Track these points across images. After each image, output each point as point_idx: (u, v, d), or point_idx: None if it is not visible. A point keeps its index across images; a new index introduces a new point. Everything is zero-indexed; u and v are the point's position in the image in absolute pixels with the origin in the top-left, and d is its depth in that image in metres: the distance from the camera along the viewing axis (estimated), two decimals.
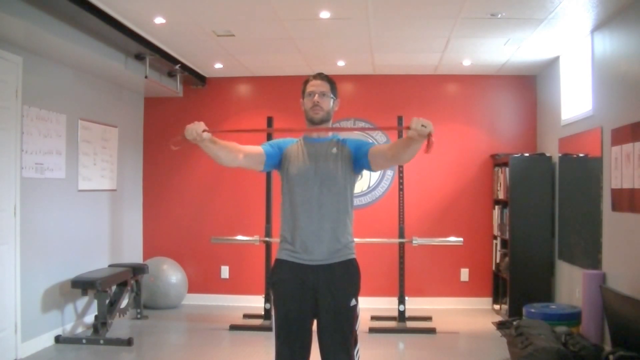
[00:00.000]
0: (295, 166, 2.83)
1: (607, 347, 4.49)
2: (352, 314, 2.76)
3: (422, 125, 2.28)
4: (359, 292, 2.83)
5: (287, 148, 2.90)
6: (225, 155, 2.69)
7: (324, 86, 2.87)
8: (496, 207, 6.88)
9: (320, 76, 2.91)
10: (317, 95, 2.83)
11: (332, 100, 2.88)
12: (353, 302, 2.75)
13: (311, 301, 2.74)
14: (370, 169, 2.80)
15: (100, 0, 4.53)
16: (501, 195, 6.66)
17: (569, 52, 5.93)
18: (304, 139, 2.92)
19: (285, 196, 2.86)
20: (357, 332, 2.81)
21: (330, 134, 2.91)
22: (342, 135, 2.94)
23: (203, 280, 7.34)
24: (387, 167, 2.80)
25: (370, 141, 2.85)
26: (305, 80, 2.94)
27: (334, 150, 2.84)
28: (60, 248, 5.54)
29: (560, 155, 6.14)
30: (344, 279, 2.76)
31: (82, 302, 5.85)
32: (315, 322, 2.78)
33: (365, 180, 7.22)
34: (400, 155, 2.60)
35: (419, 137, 2.31)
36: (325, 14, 4.94)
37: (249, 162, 2.81)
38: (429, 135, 2.29)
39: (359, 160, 2.80)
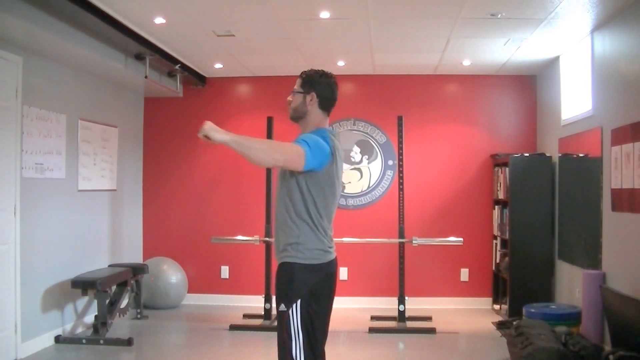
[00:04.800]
0: None
1: (607, 347, 4.49)
2: (281, 320, 2.66)
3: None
4: (292, 298, 2.64)
5: None
6: None
7: (296, 83, 2.84)
8: (496, 207, 6.88)
9: (300, 74, 2.87)
10: (290, 95, 2.84)
11: (302, 96, 2.79)
12: (282, 307, 2.65)
13: None
14: None
15: (100, 0, 4.52)
16: (501, 195, 6.66)
17: (569, 52, 5.93)
18: None
19: None
20: (293, 345, 2.62)
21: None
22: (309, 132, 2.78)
23: (203, 280, 7.33)
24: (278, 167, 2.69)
25: (300, 139, 2.63)
26: None
27: None
28: (60, 248, 5.54)
29: (560, 155, 6.14)
30: (277, 281, 2.73)
31: (82, 302, 5.84)
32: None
33: (366, 180, 7.22)
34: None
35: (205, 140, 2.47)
36: (325, 14, 4.94)
37: None
38: (205, 137, 2.47)
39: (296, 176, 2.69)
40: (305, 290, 2.64)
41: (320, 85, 2.80)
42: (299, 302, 2.63)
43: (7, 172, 4.74)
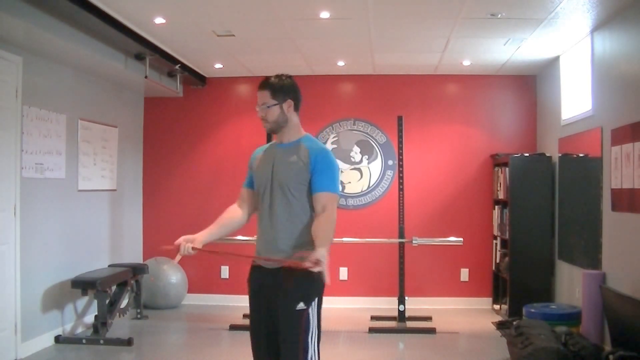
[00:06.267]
0: (256, 172, 2.90)
1: (607, 347, 4.49)
2: (299, 319, 2.62)
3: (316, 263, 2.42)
4: (312, 296, 2.64)
5: (254, 158, 2.96)
6: (230, 230, 3.01)
7: (264, 96, 2.76)
8: (496, 207, 6.88)
9: (261, 85, 2.79)
10: (259, 110, 2.79)
11: (277, 107, 2.75)
12: (300, 305, 2.61)
13: (265, 305, 2.72)
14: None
15: (100, 0, 4.53)
16: (501, 195, 6.66)
17: (569, 52, 5.93)
18: (274, 144, 2.91)
19: None
20: (310, 344, 2.61)
21: (298, 138, 2.82)
22: (314, 143, 2.82)
23: (203, 280, 7.33)
24: None
25: (330, 181, 2.71)
26: None
27: (293, 158, 2.75)
28: (60, 248, 5.54)
29: (560, 155, 6.14)
30: (292, 280, 2.63)
31: (82, 302, 5.84)
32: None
33: (365, 180, 7.22)
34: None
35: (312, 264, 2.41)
36: (325, 14, 4.94)
37: (254, 205, 2.94)
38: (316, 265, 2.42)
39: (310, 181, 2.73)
40: (322, 287, 2.65)
41: (293, 89, 2.82)
42: (316, 299, 2.65)
43: (7, 172, 4.74)
